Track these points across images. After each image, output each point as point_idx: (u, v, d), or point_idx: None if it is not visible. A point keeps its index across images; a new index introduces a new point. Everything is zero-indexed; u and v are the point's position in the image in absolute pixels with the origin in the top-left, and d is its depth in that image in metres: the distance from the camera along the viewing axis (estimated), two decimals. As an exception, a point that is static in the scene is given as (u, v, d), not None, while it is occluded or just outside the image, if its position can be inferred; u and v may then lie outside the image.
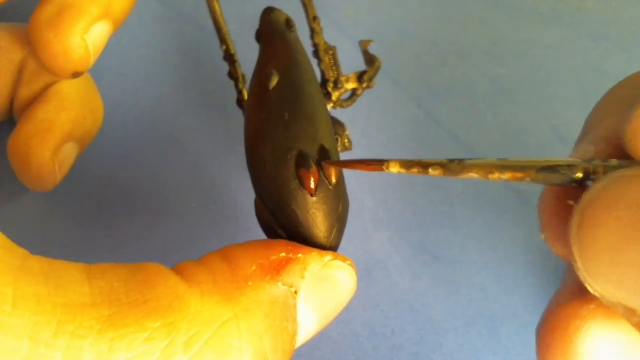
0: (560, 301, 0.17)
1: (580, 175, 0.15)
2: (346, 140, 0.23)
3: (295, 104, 0.19)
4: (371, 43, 0.23)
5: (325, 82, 0.24)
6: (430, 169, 0.16)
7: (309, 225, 0.17)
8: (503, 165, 0.15)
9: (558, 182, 0.15)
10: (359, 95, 0.24)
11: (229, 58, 0.24)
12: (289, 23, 0.22)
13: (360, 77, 0.23)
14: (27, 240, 0.15)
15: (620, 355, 0.16)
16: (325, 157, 0.18)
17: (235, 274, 0.15)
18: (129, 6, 0.24)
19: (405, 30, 0.34)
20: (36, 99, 0.25)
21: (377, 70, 0.23)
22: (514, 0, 0.35)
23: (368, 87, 0.23)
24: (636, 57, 0.33)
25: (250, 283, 0.15)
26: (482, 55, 0.33)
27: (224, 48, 0.24)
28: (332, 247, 0.18)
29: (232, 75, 0.24)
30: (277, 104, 0.19)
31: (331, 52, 0.23)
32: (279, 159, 0.18)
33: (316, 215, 0.17)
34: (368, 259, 0.27)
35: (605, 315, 0.16)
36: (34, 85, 0.25)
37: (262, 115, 0.19)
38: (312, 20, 0.24)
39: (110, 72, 0.31)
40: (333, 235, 0.18)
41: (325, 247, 0.18)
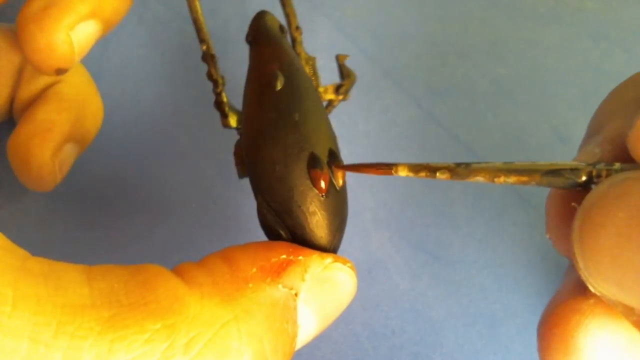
0: (561, 298, 0.17)
1: (584, 178, 0.15)
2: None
3: (304, 105, 0.19)
4: (347, 57, 0.24)
5: None
6: (438, 172, 0.16)
7: (315, 225, 0.18)
8: (509, 169, 0.16)
9: (562, 186, 0.15)
10: (334, 106, 0.24)
11: (209, 59, 0.23)
12: (282, 29, 0.22)
13: (337, 89, 0.23)
14: (27, 240, 0.15)
15: (621, 350, 0.16)
16: (334, 160, 0.18)
17: (235, 276, 0.15)
18: (121, 8, 0.24)
19: (405, 30, 0.34)
20: (36, 99, 0.25)
21: (352, 84, 0.23)
22: (514, 0, 0.35)
23: (343, 99, 0.24)
24: (636, 57, 0.33)
25: (250, 285, 0.15)
26: (482, 55, 0.33)
27: (204, 48, 0.23)
28: (333, 249, 0.18)
29: (211, 76, 0.23)
30: (285, 105, 0.19)
31: (311, 63, 0.23)
32: (290, 159, 0.18)
33: (324, 216, 0.18)
34: (368, 259, 0.27)
35: (605, 311, 0.16)
36: (33, 86, 0.25)
37: (269, 115, 0.18)
38: (295, 29, 0.24)
39: (110, 72, 0.31)
40: (336, 236, 0.18)
41: (327, 249, 0.18)
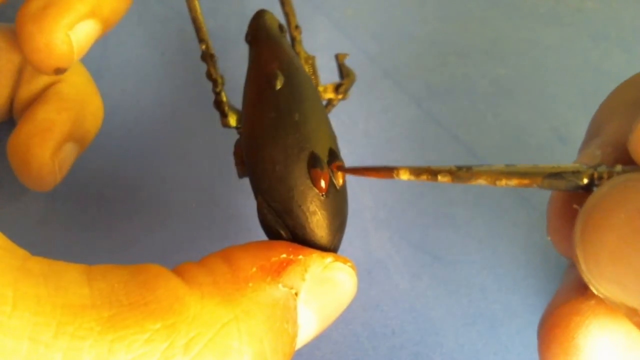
0: (561, 299, 0.17)
1: (586, 181, 0.15)
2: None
3: (304, 105, 0.19)
4: (347, 57, 0.24)
5: None
6: (439, 175, 0.16)
7: (316, 225, 0.18)
8: (510, 172, 0.16)
9: (564, 188, 0.15)
10: (334, 106, 0.24)
11: (208, 58, 0.23)
12: (281, 28, 0.22)
13: (337, 88, 0.23)
14: (27, 240, 0.15)
15: (622, 351, 0.16)
16: (335, 159, 0.18)
17: (235, 275, 0.15)
18: (120, 7, 0.23)
19: (405, 30, 0.34)
20: (36, 99, 0.25)
21: (351, 83, 0.23)
22: (514, 0, 0.35)
23: (343, 98, 0.24)
24: (636, 57, 0.33)
25: (250, 284, 0.15)
26: (482, 55, 0.33)
27: (203, 47, 0.23)
28: (334, 249, 0.18)
29: (210, 76, 0.23)
30: (285, 105, 0.19)
31: (310, 62, 0.23)
32: (290, 159, 0.18)
33: (325, 215, 0.18)
34: (368, 259, 0.27)
35: (605, 312, 0.16)
36: (33, 86, 0.25)
37: (269, 115, 0.18)
38: (294, 28, 0.24)
39: (110, 72, 0.31)
40: (336, 236, 0.18)
41: (327, 249, 0.18)
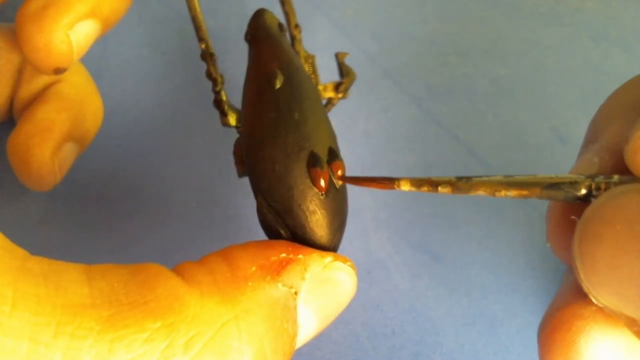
0: (562, 303, 0.17)
1: (584, 192, 0.15)
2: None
3: (303, 104, 0.19)
4: (347, 55, 0.24)
5: None
6: (440, 187, 0.17)
7: (315, 224, 0.18)
8: (509, 183, 0.16)
9: (562, 199, 0.16)
10: (334, 105, 0.24)
11: (208, 57, 0.23)
12: (281, 27, 0.22)
13: (337, 87, 0.23)
14: (27, 240, 0.15)
15: (622, 355, 0.16)
16: (334, 158, 0.18)
17: (235, 275, 0.15)
18: (120, 7, 0.23)
19: (405, 30, 0.34)
20: (36, 98, 0.25)
21: (351, 82, 0.23)
22: (514, 0, 0.35)
23: (343, 97, 0.23)
24: (636, 57, 0.33)
25: (250, 283, 0.15)
26: (482, 55, 0.33)
27: (203, 46, 0.23)
28: (334, 248, 0.18)
29: (210, 75, 0.23)
30: (285, 104, 0.19)
31: (310, 61, 0.23)
32: (289, 158, 0.18)
33: (324, 215, 0.18)
34: (368, 259, 0.27)
35: (606, 316, 0.16)
36: (33, 85, 0.25)
37: (269, 114, 0.18)
38: (294, 27, 0.23)
39: (110, 72, 0.31)
40: (336, 235, 0.18)
41: (327, 248, 0.18)
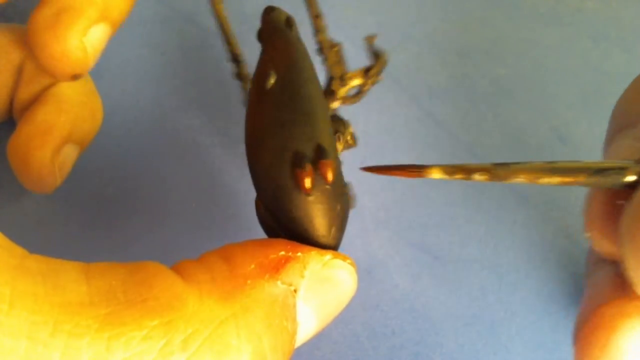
0: (600, 300, 0.16)
1: (632, 178, 0.14)
2: (349, 137, 0.23)
3: (292, 103, 0.19)
4: (376, 38, 0.23)
5: (331, 79, 0.23)
6: (476, 174, 0.15)
7: (306, 224, 0.17)
8: (552, 169, 0.15)
9: (609, 185, 0.15)
10: (365, 91, 0.23)
11: (235, 59, 0.24)
12: (288, 21, 0.21)
13: (366, 72, 0.23)
14: (27, 240, 0.15)
15: None
16: (322, 156, 0.18)
17: (234, 273, 0.15)
18: (127, 8, 0.24)
19: (405, 30, 0.34)
20: (36, 99, 0.25)
21: (383, 65, 0.22)
22: (514, 0, 0.35)
23: (375, 82, 0.23)
24: (636, 57, 0.33)
25: (249, 282, 0.15)
26: (482, 55, 0.33)
27: (230, 49, 0.24)
28: (332, 246, 0.18)
29: (239, 76, 0.24)
30: (274, 104, 0.19)
31: (335, 49, 0.23)
32: (276, 159, 0.18)
33: (313, 215, 0.17)
34: (368, 259, 0.27)
35: None
36: (33, 86, 0.25)
37: (259, 116, 0.19)
38: (315, 17, 0.23)
39: (110, 72, 0.31)
40: (332, 234, 0.18)
41: (325, 247, 0.18)
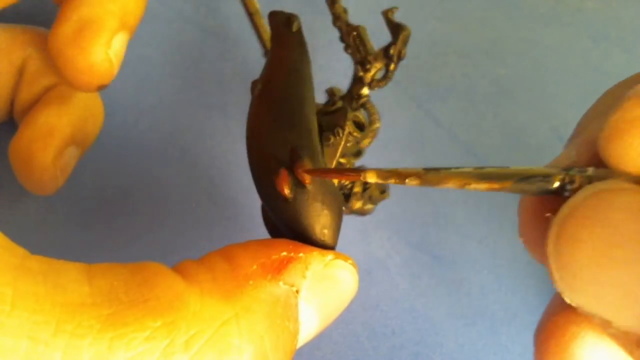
0: (556, 307, 0.16)
1: (557, 184, 0.15)
2: (351, 129, 0.22)
3: (273, 109, 0.19)
4: (395, 11, 0.21)
5: (355, 65, 0.22)
6: (407, 179, 0.15)
7: (296, 227, 0.18)
8: (479, 175, 0.15)
9: (534, 192, 0.15)
10: (393, 71, 0.21)
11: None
12: (289, 21, 0.21)
13: (386, 52, 0.21)
14: (28, 240, 0.15)
15: None
16: (296, 160, 0.18)
17: (235, 273, 0.15)
18: (141, 13, 0.24)
19: (405, 31, 0.34)
20: (37, 101, 0.25)
21: (405, 40, 0.21)
22: (514, 0, 0.35)
23: (399, 59, 0.21)
24: (636, 57, 0.33)
25: (251, 282, 0.15)
26: (482, 55, 0.33)
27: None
28: (328, 246, 0.18)
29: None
30: (258, 111, 0.19)
31: (355, 33, 0.22)
32: (259, 166, 0.18)
33: (298, 218, 0.17)
34: (368, 259, 0.27)
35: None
36: (34, 88, 0.25)
37: (250, 124, 0.19)
38: (332, 4, 0.23)
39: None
40: (322, 234, 0.18)
41: (322, 247, 0.18)
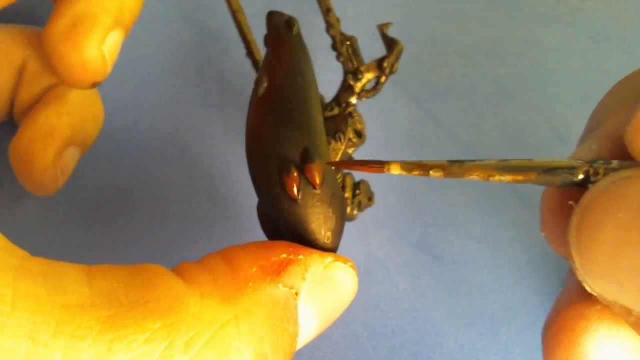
0: (566, 302, 0.16)
1: (581, 176, 0.15)
2: (351, 135, 0.22)
3: (280, 108, 0.19)
4: (390, 26, 0.22)
5: (346, 74, 0.23)
6: (431, 171, 0.16)
7: (300, 229, 0.17)
8: (504, 167, 0.15)
9: (558, 184, 0.15)
10: (383, 83, 0.22)
11: (256, 65, 0.24)
12: (289, 23, 0.21)
13: (379, 64, 0.22)
14: (27, 240, 0.15)
15: (628, 356, 0.16)
16: (307, 160, 0.17)
17: (235, 275, 0.15)
18: (137, 11, 0.24)
19: (405, 31, 0.34)
20: (37, 101, 0.25)
21: (398, 55, 0.22)
22: (514, 0, 0.35)
23: (391, 72, 0.22)
24: (636, 57, 0.33)
25: (250, 284, 0.15)
26: (482, 55, 0.33)
27: (251, 57, 0.24)
28: (330, 249, 0.18)
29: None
30: (265, 111, 0.19)
31: (348, 43, 0.22)
32: (263, 166, 0.18)
33: (305, 220, 0.17)
34: (368, 259, 0.27)
35: (611, 316, 0.15)
36: (34, 88, 0.25)
37: (252, 124, 0.19)
38: (326, 13, 0.23)
39: (110, 72, 0.31)
40: (327, 237, 0.18)
41: (323, 249, 0.18)
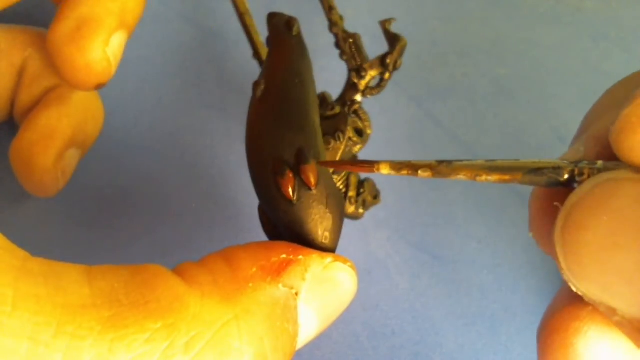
0: (560, 303, 0.17)
1: (566, 177, 0.15)
2: (351, 134, 0.22)
3: (277, 110, 0.19)
4: (392, 21, 0.22)
5: (350, 72, 0.23)
6: (420, 170, 0.16)
7: (297, 230, 0.17)
8: (490, 167, 0.15)
9: (544, 184, 0.15)
10: (387, 80, 0.22)
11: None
12: (289, 24, 0.21)
13: (382, 61, 0.22)
14: (28, 241, 0.15)
15: (621, 356, 0.16)
16: (302, 161, 0.18)
17: (235, 275, 0.15)
18: (140, 12, 0.24)
19: (405, 31, 0.34)
20: (37, 102, 0.25)
21: (401, 51, 0.21)
22: (513, 0, 0.35)
23: (395, 69, 0.22)
24: (636, 57, 0.33)
25: (250, 284, 0.15)
26: (482, 55, 0.33)
27: (258, 58, 0.24)
28: (327, 248, 0.18)
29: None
30: (263, 113, 0.19)
31: (351, 41, 0.22)
32: (260, 167, 0.18)
33: (301, 221, 0.17)
34: (368, 259, 0.27)
35: (603, 317, 0.15)
36: (34, 89, 0.25)
37: (250, 126, 0.19)
38: (329, 11, 0.23)
39: (111, 72, 0.31)
40: (325, 237, 0.18)
41: (321, 249, 0.18)
